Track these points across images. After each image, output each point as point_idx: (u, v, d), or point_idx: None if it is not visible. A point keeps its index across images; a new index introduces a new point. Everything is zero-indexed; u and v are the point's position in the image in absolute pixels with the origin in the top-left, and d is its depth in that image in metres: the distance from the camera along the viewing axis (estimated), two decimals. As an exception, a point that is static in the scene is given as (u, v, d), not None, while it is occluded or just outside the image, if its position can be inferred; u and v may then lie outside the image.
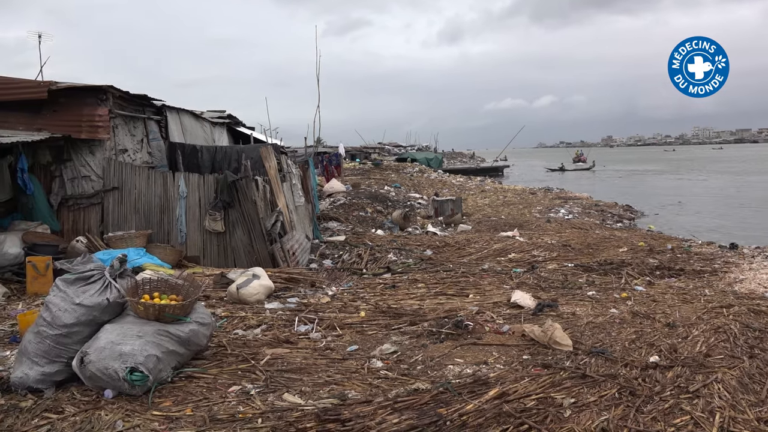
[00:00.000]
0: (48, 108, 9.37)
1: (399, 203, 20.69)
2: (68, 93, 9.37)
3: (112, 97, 9.73)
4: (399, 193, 23.94)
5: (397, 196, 22.55)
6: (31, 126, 9.34)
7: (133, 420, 3.98)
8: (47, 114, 9.41)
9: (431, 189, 26.33)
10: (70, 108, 9.43)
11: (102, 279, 4.85)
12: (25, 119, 9.38)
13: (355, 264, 10.33)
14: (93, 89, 9.47)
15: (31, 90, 9.35)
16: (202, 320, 5.06)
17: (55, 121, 9.39)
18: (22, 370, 4.55)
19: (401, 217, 16.40)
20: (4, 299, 7.27)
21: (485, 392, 4.20)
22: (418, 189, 26.51)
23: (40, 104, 9.34)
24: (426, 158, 43.55)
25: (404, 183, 27.88)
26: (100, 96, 9.50)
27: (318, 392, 4.41)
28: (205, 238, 9.77)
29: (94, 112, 9.44)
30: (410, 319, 6.32)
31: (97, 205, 9.65)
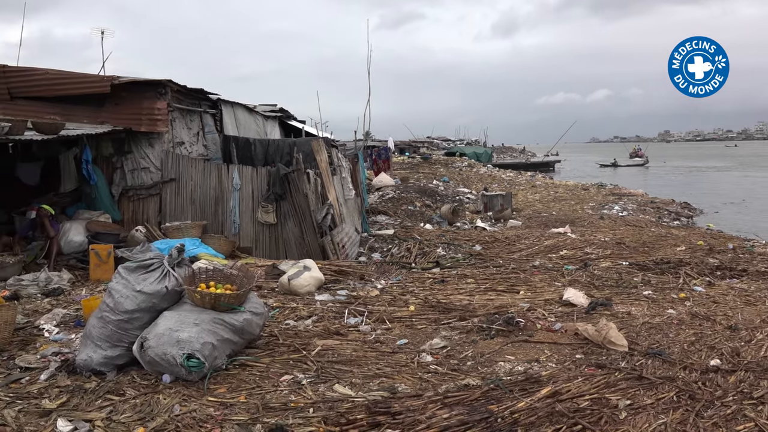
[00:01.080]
0: (110, 102, 9.74)
1: (448, 198, 20.58)
2: (129, 87, 9.71)
3: (171, 91, 10.02)
4: (448, 187, 23.81)
5: (446, 191, 22.43)
6: (95, 119, 9.72)
7: (190, 405, 4.10)
8: (110, 107, 9.78)
9: (480, 184, 26.08)
10: (131, 102, 9.77)
11: (161, 267, 5.01)
12: (90, 113, 9.78)
13: (404, 258, 10.34)
14: (153, 83, 9.78)
15: (95, 84, 9.73)
16: (256, 310, 5.17)
17: (117, 115, 9.76)
18: (87, 353, 4.75)
19: (450, 211, 16.31)
20: (68, 285, 7.61)
21: (537, 390, 4.14)
22: (467, 183, 26.30)
23: (103, 98, 9.72)
24: (475, 153, 43.17)
25: (453, 177, 27.71)
26: (159, 90, 9.80)
27: (368, 384, 4.44)
28: (258, 230, 9.97)
29: (153, 105, 9.76)
30: (460, 314, 6.29)
31: (155, 195, 9.99)
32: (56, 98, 9.82)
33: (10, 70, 9.92)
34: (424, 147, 50.27)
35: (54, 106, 9.79)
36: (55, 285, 7.39)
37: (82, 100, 9.77)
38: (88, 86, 9.77)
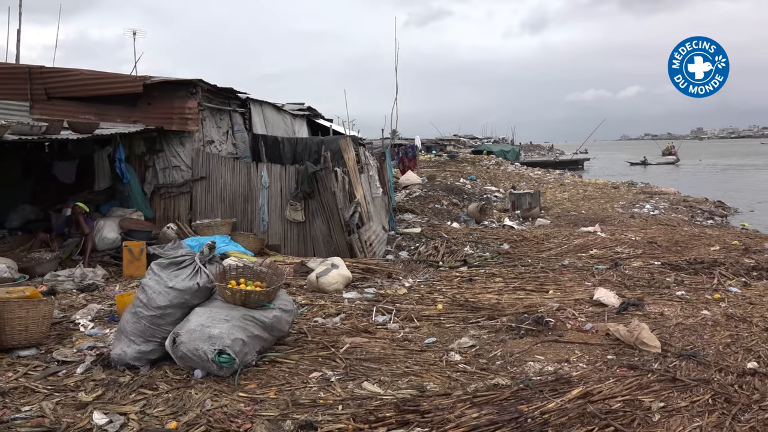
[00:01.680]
0: (143, 101, 9.91)
1: (475, 196, 20.46)
2: (161, 87, 9.87)
3: (201, 90, 10.15)
4: (475, 185, 23.67)
5: (473, 189, 22.29)
6: (128, 118, 9.91)
7: (221, 400, 4.16)
8: (142, 107, 9.95)
9: (508, 182, 25.85)
10: (163, 101, 9.93)
11: (193, 264, 5.09)
12: (123, 112, 9.97)
13: (431, 256, 10.32)
14: (184, 83, 9.93)
15: (128, 84, 9.91)
16: (285, 307, 5.21)
17: (149, 114, 9.93)
18: (121, 347, 4.85)
19: (477, 210, 16.20)
20: (103, 281, 7.77)
21: (568, 391, 4.09)
22: (494, 182, 26.10)
23: (135, 98, 9.90)
24: (502, 150, 42.79)
25: (480, 175, 27.52)
26: (190, 89, 9.94)
27: (396, 382, 4.45)
28: (286, 228, 10.05)
29: (184, 105, 9.90)
30: (488, 313, 6.25)
31: (186, 193, 10.14)
32: (91, 98, 10.03)
33: (47, 71, 10.16)
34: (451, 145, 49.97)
35: (89, 106, 10.01)
36: (90, 281, 7.56)
37: (116, 100, 9.96)
38: (121, 86, 9.95)
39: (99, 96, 9.99)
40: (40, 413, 3.97)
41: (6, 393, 4.32)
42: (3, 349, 5.16)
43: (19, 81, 10.08)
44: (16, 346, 5.21)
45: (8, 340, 5.17)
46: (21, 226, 10.05)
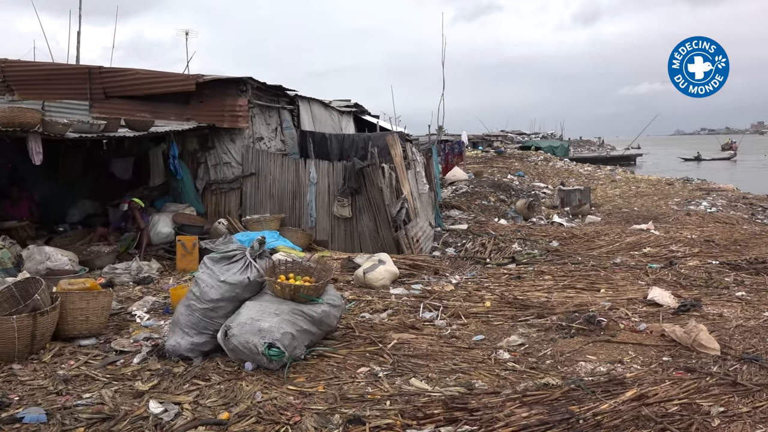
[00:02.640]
0: (195, 99, 10.16)
1: (523, 192, 20.17)
2: (213, 85, 10.09)
3: (251, 88, 10.33)
4: (523, 182, 23.33)
5: (521, 185, 21.98)
6: (181, 116, 10.18)
7: (271, 392, 4.23)
8: (194, 105, 10.20)
9: (557, 178, 25.38)
10: (214, 99, 10.15)
11: (243, 259, 5.19)
12: (176, 110, 10.24)
13: (478, 253, 10.23)
14: (234, 81, 10.12)
15: (181, 83, 10.17)
16: (333, 302, 5.26)
17: (201, 112, 10.17)
18: (175, 339, 4.99)
19: (525, 206, 15.98)
20: (157, 274, 8.01)
21: (621, 393, 3.98)
22: (542, 178, 25.67)
23: (188, 96, 10.15)
24: (551, 146, 42.05)
25: (528, 172, 27.11)
26: (240, 87, 10.13)
27: (444, 379, 4.43)
28: (333, 223, 10.14)
29: (235, 102, 10.10)
30: (537, 311, 6.15)
31: (236, 189, 10.35)
32: (146, 97, 10.33)
33: (105, 71, 10.53)
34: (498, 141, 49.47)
35: (144, 105, 10.32)
36: (146, 274, 7.80)
37: (169, 98, 10.24)
38: (174, 85, 10.22)
39: (154, 95, 10.28)
40: (100, 400, 4.12)
41: (69, 380, 4.51)
42: (65, 338, 5.38)
43: (79, 81, 10.48)
44: (77, 336, 5.43)
45: (70, 330, 5.39)
46: (81, 220, 10.47)
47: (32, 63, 11.50)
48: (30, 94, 10.63)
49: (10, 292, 5.37)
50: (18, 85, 10.73)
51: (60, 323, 5.31)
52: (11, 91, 10.73)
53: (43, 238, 9.15)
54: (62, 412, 3.93)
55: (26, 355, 4.95)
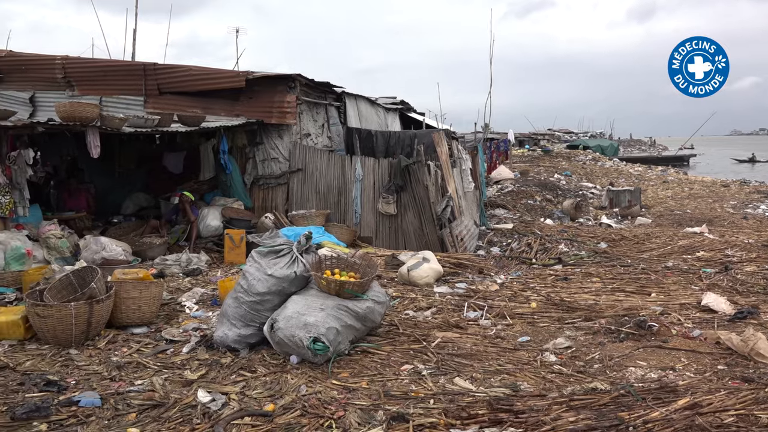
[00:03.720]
0: (245, 96, 10.34)
1: (570, 192, 19.80)
2: (262, 82, 10.25)
3: (299, 84, 10.45)
4: (570, 181, 22.90)
5: (568, 185, 21.58)
6: (231, 112, 10.38)
7: (315, 386, 4.27)
8: (244, 101, 10.39)
9: (605, 178, 24.81)
10: (263, 95, 10.32)
11: (290, 253, 5.25)
12: (226, 106, 10.45)
13: (523, 253, 10.08)
14: (283, 78, 10.26)
15: (231, 79, 10.37)
16: (378, 298, 5.27)
17: (250, 108, 10.35)
18: (223, 330, 5.10)
19: (572, 206, 15.69)
20: (206, 266, 8.20)
21: (673, 401, 3.85)
22: (590, 178, 25.13)
23: (238, 92, 10.34)
24: (600, 146, 41.13)
25: (576, 171, 26.59)
26: (289, 84, 10.27)
27: (489, 380, 4.38)
28: (378, 220, 10.16)
29: (283, 98, 10.24)
30: (585, 314, 6.02)
31: (283, 185, 10.50)
32: (198, 93, 10.59)
33: (159, 68, 10.83)
34: (545, 139, 48.69)
35: (195, 100, 10.57)
36: (195, 266, 8.00)
37: (220, 94, 10.46)
38: (225, 81, 10.43)
39: (205, 91, 10.52)
40: (151, 387, 4.24)
41: (122, 367, 4.66)
42: (118, 326, 5.57)
43: (135, 77, 10.81)
44: (130, 324, 5.62)
45: (123, 318, 5.58)
46: (134, 212, 10.81)
47: (91, 60, 11.92)
48: (89, 90, 11.03)
49: (69, 280, 5.58)
50: (78, 81, 11.15)
51: (114, 311, 5.50)
52: (71, 87, 11.16)
53: (99, 228, 9.48)
54: (115, 398, 4.07)
55: (82, 341, 5.14)
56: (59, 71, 11.18)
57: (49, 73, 11.27)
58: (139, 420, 3.77)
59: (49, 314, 5.02)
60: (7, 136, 7.22)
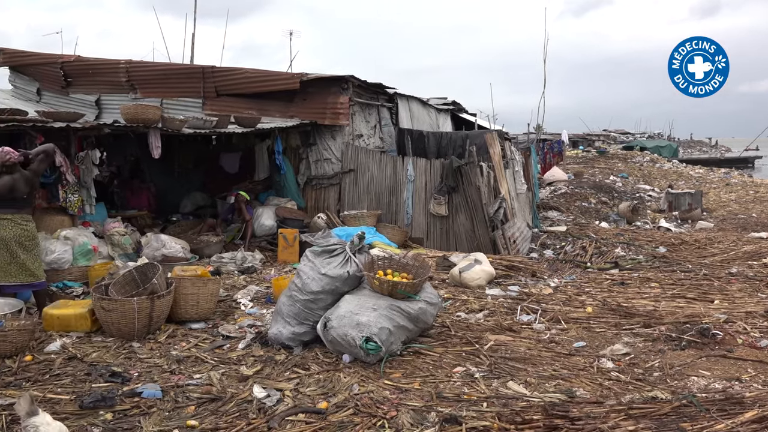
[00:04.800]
0: (299, 97, 10.51)
1: (626, 195, 19.24)
2: (315, 83, 10.39)
3: (352, 86, 10.54)
4: (626, 183, 22.23)
5: (624, 187, 20.96)
6: (285, 113, 10.56)
7: (367, 386, 4.29)
8: (298, 102, 10.55)
9: (664, 180, 23.98)
10: (317, 97, 10.46)
11: (344, 253, 5.30)
12: (281, 107, 10.64)
13: (578, 256, 9.87)
14: (336, 79, 10.37)
15: (286, 81, 10.56)
16: (430, 300, 5.26)
17: (304, 109, 10.50)
18: (277, 327, 5.19)
19: (629, 209, 15.24)
20: (260, 264, 8.37)
21: (740, 413, 3.69)
22: (648, 180, 24.34)
23: (292, 94, 10.52)
24: (658, 147, 39.76)
25: (632, 173, 25.79)
26: (342, 85, 10.37)
27: (543, 385, 4.31)
28: (429, 221, 10.14)
29: (337, 100, 10.35)
30: (644, 320, 5.84)
31: (335, 185, 10.61)
32: (253, 95, 10.82)
33: (217, 71, 11.12)
34: (600, 140, 47.45)
35: (251, 102, 10.81)
36: (250, 264, 8.18)
37: (275, 96, 10.66)
38: (280, 83, 10.62)
39: (260, 92, 10.74)
40: (209, 382, 4.36)
41: (181, 360, 4.81)
42: (178, 321, 5.76)
43: (194, 80, 11.15)
44: (188, 319, 5.79)
45: (182, 314, 5.76)
46: (192, 211, 11.14)
47: (152, 63, 12.36)
48: (150, 93, 11.44)
49: (132, 276, 5.81)
50: (140, 84, 11.58)
51: (173, 307, 5.68)
52: (134, 90, 11.60)
53: (159, 226, 9.82)
54: (175, 390, 4.20)
55: (144, 335, 5.34)
56: (123, 75, 11.63)
57: (114, 77, 11.75)
58: (197, 413, 3.88)
59: (114, 308, 5.23)
60: (75, 137, 7.57)
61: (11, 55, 12.94)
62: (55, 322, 5.45)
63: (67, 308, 5.62)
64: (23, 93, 12.85)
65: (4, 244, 5.84)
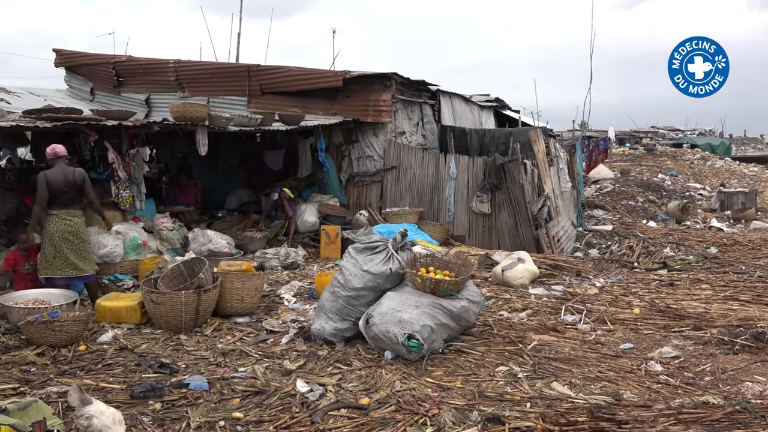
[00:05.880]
0: (342, 95, 10.57)
1: (675, 193, 18.67)
2: (358, 81, 10.43)
3: (395, 83, 10.54)
4: (675, 182, 21.57)
5: (673, 186, 20.34)
6: (328, 111, 10.64)
7: (409, 383, 4.29)
8: (341, 100, 10.62)
9: (715, 179, 23.15)
10: (360, 94, 10.50)
11: (386, 250, 5.31)
12: (324, 105, 10.73)
13: (624, 256, 9.64)
14: (379, 76, 10.39)
15: (329, 79, 10.63)
16: (473, 298, 5.22)
17: (347, 107, 10.56)
18: (320, 323, 5.24)
19: (678, 208, 14.79)
20: (303, 260, 8.47)
21: (798, 421, 3.55)
22: (698, 178, 23.54)
23: (335, 91, 10.58)
24: (710, 144, 38.40)
25: (682, 171, 25.00)
26: (385, 82, 10.38)
27: (589, 387, 4.22)
28: (471, 219, 10.07)
29: (379, 97, 10.37)
30: (694, 322, 5.66)
31: (377, 182, 10.64)
32: (297, 92, 10.94)
33: (262, 69, 11.29)
34: (648, 137, 46.12)
35: (295, 100, 10.93)
36: (292, 259, 8.28)
37: (318, 94, 10.75)
38: (323, 81, 10.70)
39: (304, 90, 10.85)
40: (253, 375, 4.44)
41: (226, 353, 4.92)
42: (223, 315, 5.88)
43: (239, 78, 11.34)
44: (233, 313, 5.91)
45: (227, 308, 5.88)
46: (237, 207, 11.34)
47: (199, 63, 12.64)
48: (197, 91, 11.70)
49: (179, 270, 5.95)
50: (188, 83, 11.86)
51: (219, 301, 5.81)
52: (182, 89, 11.89)
53: (205, 222, 10.02)
54: (221, 383, 4.29)
55: (191, 328, 5.47)
56: (172, 74, 11.93)
57: (163, 76, 12.06)
58: (242, 405, 3.96)
59: (162, 301, 5.38)
60: (127, 135, 7.80)
61: (67, 56, 13.43)
62: (107, 313, 5.65)
63: (118, 300, 5.81)
64: (78, 92, 13.32)
65: (49, 239, 6.12)
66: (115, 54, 13.17)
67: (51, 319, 4.98)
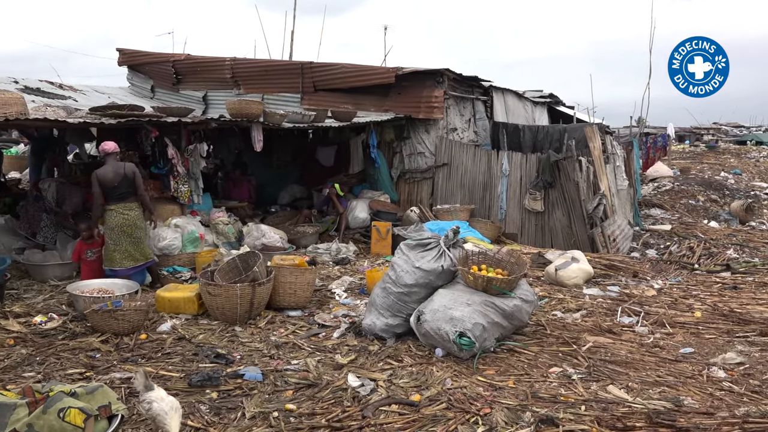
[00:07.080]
0: (394, 91, 10.57)
1: (739, 192, 17.86)
2: (410, 77, 10.40)
3: (447, 79, 10.47)
4: (739, 180, 20.63)
5: (737, 185, 19.47)
6: (380, 107, 10.66)
7: (460, 381, 4.27)
8: (393, 96, 10.61)
9: (784, 177, 22.03)
10: (412, 90, 10.46)
11: (437, 247, 5.29)
12: (375, 101, 10.75)
13: (684, 257, 9.29)
14: (431, 73, 10.33)
15: (381, 76, 10.64)
16: (526, 297, 5.15)
17: (398, 103, 10.55)
18: (371, 318, 5.27)
19: (742, 208, 14.15)
20: (354, 256, 8.52)
21: None
22: (764, 177, 22.44)
23: (387, 88, 10.59)
24: (777, 141, 36.59)
25: (746, 169, 23.88)
26: (437, 79, 10.32)
27: (647, 391, 4.10)
28: (524, 217, 9.91)
29: (431, 93, 10.32)
30: (760, 328, 5.42)
31: (428, 179, 10.60)
32: (349, 89, 11.00)
33: (315, 66, 11.40)
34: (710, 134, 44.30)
35: (347, 96, 10.99)
36: (343, 255, 8.35)
37: (370, 91, 10.77)
38: (375, 78, 10.72)
39: (356, 87, 10.90)
40: (305, 368, 4.51)
41: (279, 346, 5.01)
42: (276, 308, 5.99)
43: (292, 75, 11.49)
44: (286, 307, 6.01)
45: (281, 301, 5.98)
46: (289, 202, 11.51)
47: (254, 60, 12.86)
48: (252, 88, 11.93)
49: (235, 263, 6.10)
50: (243, 80, 12.10)
51: (272, 294, 5.92)
52: (237, 86, 12.14)
53: (259, 217, 10.21)
54: (274, 374, 4.38)
55: (245, 320, 5.60)
56: (228, 71, 12.19)
57: (219, 74, 12.34)
58: (295, 397, 4.03)
59: (218, 293, 5.52)
60: (185, 131, 8.03)
61: (129, 55, 13.91)
62: (166, 304, 5.84)
63: (176, 292, 6.00)
64: (139, 90, 13.79)
65: (109, 233, 6.43)
66: (174, 53, 13.56)
67: (114, 308, 5.19)
